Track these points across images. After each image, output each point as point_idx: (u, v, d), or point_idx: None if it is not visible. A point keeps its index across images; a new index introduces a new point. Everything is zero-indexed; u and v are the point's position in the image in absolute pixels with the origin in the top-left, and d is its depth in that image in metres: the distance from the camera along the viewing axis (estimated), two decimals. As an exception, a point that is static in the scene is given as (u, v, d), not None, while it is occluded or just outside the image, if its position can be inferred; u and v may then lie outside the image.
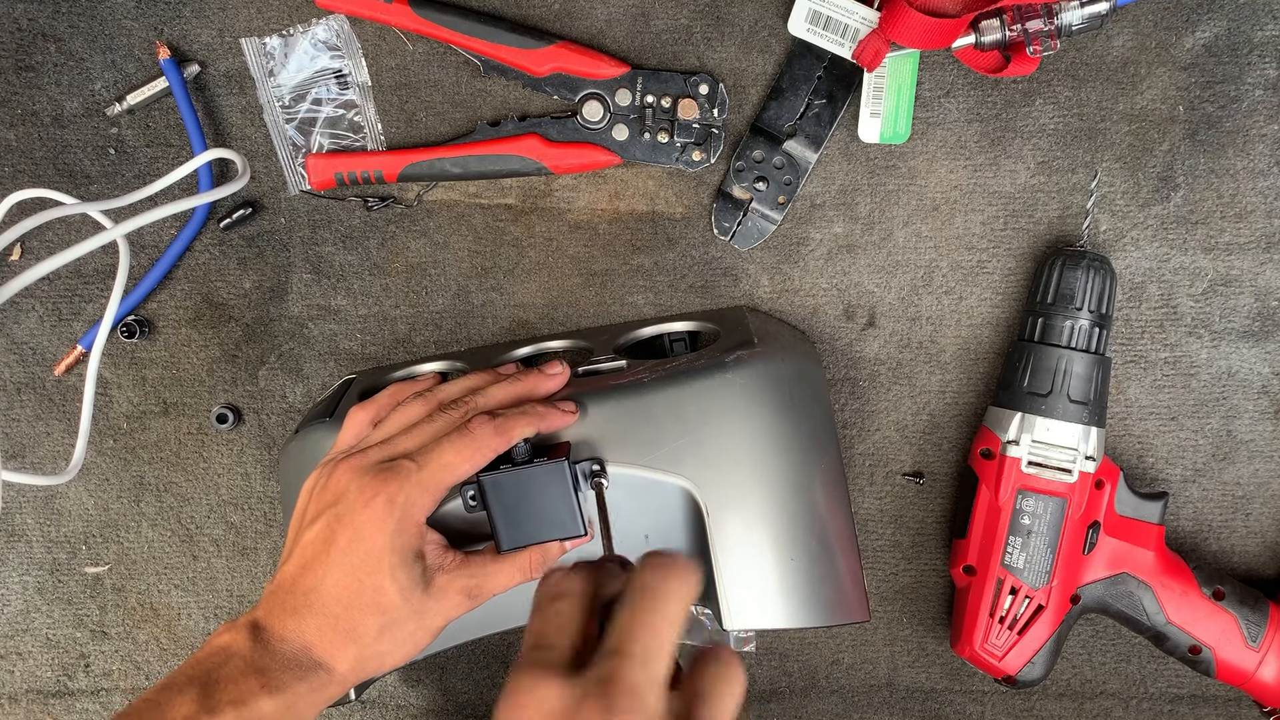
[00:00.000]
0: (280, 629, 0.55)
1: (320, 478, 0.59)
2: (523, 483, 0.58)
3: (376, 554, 0.55)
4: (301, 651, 0.55)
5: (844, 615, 0.63)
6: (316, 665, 0.55)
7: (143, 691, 0.56)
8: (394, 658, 0.57)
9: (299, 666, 0.54)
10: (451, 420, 0.59)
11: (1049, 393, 0.66)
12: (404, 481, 0.56)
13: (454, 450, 0.57)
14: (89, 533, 0.76)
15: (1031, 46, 0.64)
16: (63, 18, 0.70)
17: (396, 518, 0.55)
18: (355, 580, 0.55)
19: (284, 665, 0.54)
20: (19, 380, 0.74)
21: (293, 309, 0.74)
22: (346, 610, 0.55)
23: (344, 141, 0.71)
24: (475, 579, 0.58)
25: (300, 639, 0.55)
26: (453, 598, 0.57)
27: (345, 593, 0.55)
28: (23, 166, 0.72)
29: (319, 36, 0.70)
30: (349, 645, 0.55)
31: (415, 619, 0.56)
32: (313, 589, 0.55)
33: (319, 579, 0.55)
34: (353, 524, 0.55)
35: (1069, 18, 0.64)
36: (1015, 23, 0.64)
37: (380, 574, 0.55)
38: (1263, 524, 0.73)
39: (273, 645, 0.54)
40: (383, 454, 0.58)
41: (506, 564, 0.59)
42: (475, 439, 0.57)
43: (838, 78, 0.69)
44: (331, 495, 0.57)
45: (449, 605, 0.57)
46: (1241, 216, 0.70)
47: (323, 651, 0.55)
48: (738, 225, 0.71)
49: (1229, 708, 0.75)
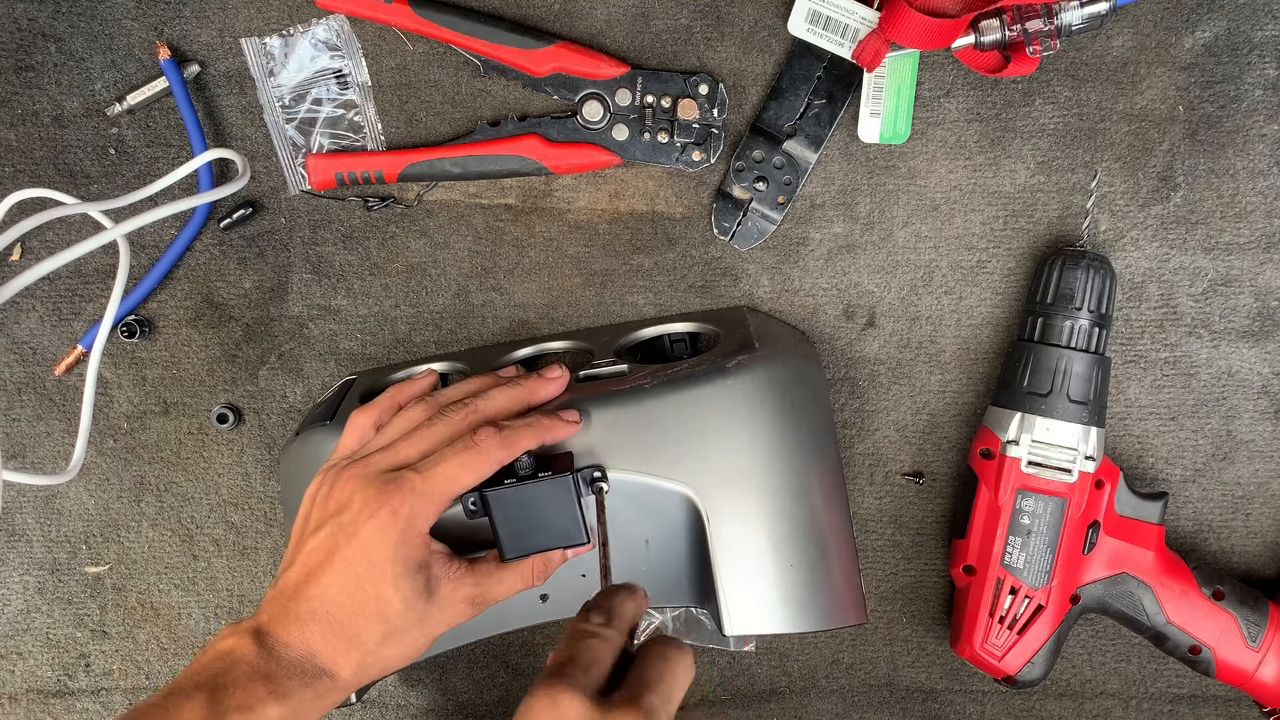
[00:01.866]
0: (285, 635, 0.55)
1: (324, 485, 0.59)
2: (527, 496, 0.58)
3: (380, 564, 0.55)
4: (306, 658, 0.55)
5: (842, 619, 0.63)
6: (320, 671, 0.55)
7: (147, 695, 0.57)
8: (395, 663, 0.57)
9: (304, 673, 0.55)
10: (453, 425, 0.59)
11: (1049, 392, 0.66)
12: (408, 493, 0.56)
13: (459, 463, 0.57)
14: (89, 532, 0.76)
15: (1031, 46, 0.64)
16: (63, 17, 0.70)
17: (400, 529, 0.55)
18: (359, 589, 0.55)
19: (289, 672, 0.54)
20: (19, 380, 0.74)
21: (293, 309, 0.74)
22: (350, 618, 0.55)
23: (344, 141, 0.71)
24: (479, 587, 0.58)
25: (305, 646, 0.55)
26: (456, 606, 0.58)
27: (349, 601, 0.55)
28: (23, 166, 0.72)
29: (319, 36, 0.70)
30: (352, 652, 0.56)
31: (418, 626, 0.57)
32: (317, 597, 0.55)
33: (323, 587, 0.55)
34: (357, 534, 0.55)
35: (1069, 17, 0.64)
36: (1015, 23, 0.64)
37: (384, 584, 0.55)
38: (1262, 524, 0.73)
39: (278, 651, 0.55)
40: (386, 461, 0.58)
41: (510, 572, 0.59)
42: (480, 451, 0.57)
43: (837, 78, 0.69)
44: (335, 504, 0.57)
45: (452, 613, 0.58)
46: (1241, 216, 0.70)
47: (327, 658, 0.55)
48: (737, 225, 0.71)
49: (1229, 708, 0.75)
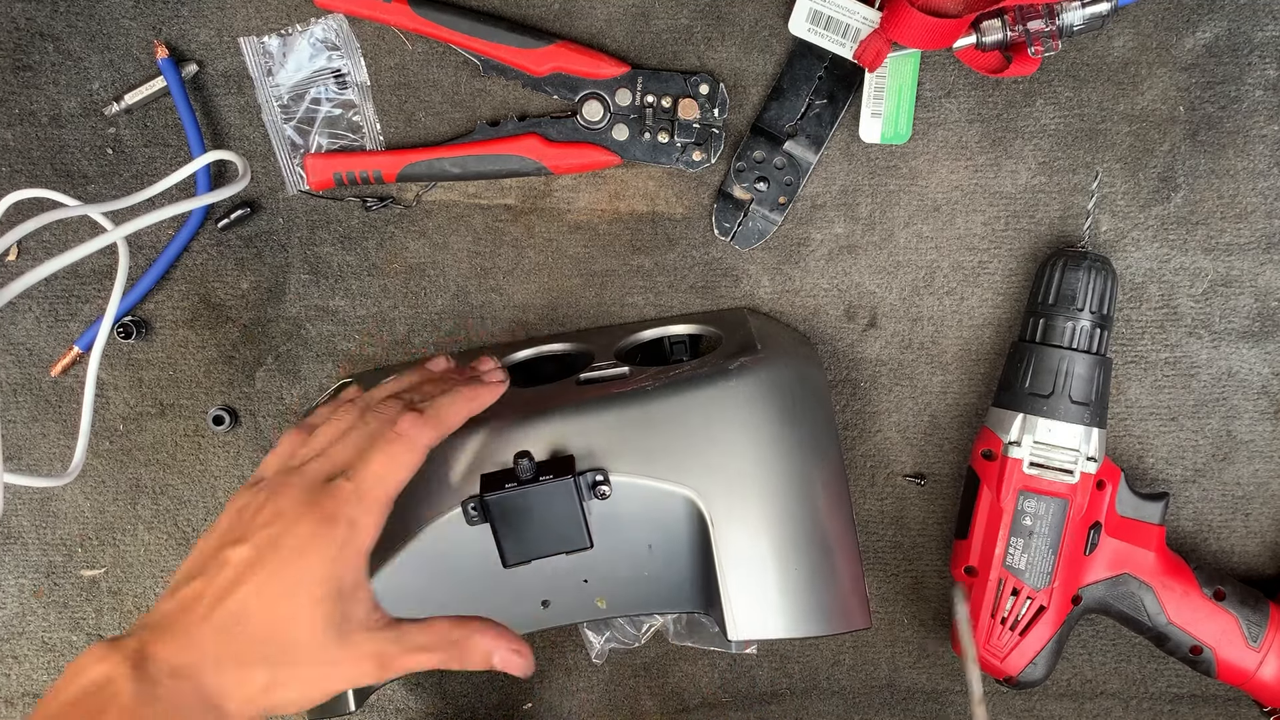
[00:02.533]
0: (172, 659, 0.48)
1: (253, 498, 0.53)
2: (528, 500, 0.58)
3: (307, 579, 0.50)
4: (192, 692, 0.48)
5: (846, 623, 0.63)
6: (207, 708, 0.48)
7: None
8: (286, 706, 0.51)
9: (187, 712, 0.48)
10: (383, 420, 0.55)
11: (1050, 394, 0.66)
12: (343, 502, 0.51)
13: (385, 456, 0.53)
14: (85, 535, 0.75)
15: (1033, 47, 0.64)
16: (60, 17, 0.70)
17: (339, 542, 0.51)
18: (275, 607, 0.50)
19: (170, 713, 0.47)
20: (15, 381, 0.74)
21: (290, 310, 0.73)
22: (256, 643, 0.49)
23: (342, 141, 0.71)
24: (393, 647, 0.52)
25: (194, 674, 0.48)
26: (363, 660, 0.51)
27: (261, 622, 0.49)
28: (20, 166, 0.72)
29: (317, 36, 0.69)
30: (248, 684, 0.49)
31: (320, 667, 0.50)
32: (224, 613, 0.49)
33: (236, 602, 0.49)
34: (287, 546, 0.50)
35: (1070, 18, 0.64)
36: (1017, 23, 0.64)
37: (302, 602, 0.50)
38: (1263, 524, 0.73)
39: (160, 686, 0.47)
40: (320, 470, 0.53)
41: (428, 650, 0.53)
42: (406, 440, 0.54)
43: (839, 78, 0.69)
44: (266, 517, 0.52)
45: (355, 668, 0.51)
46: (1242, 217, 0.70)
47: (215, 689, 0.48)
48: (738, 226, 0.71)
49: (1229, 707, 0.75)
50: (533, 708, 0.77)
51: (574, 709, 0.77)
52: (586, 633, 0.74)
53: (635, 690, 0.76)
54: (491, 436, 0.62)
